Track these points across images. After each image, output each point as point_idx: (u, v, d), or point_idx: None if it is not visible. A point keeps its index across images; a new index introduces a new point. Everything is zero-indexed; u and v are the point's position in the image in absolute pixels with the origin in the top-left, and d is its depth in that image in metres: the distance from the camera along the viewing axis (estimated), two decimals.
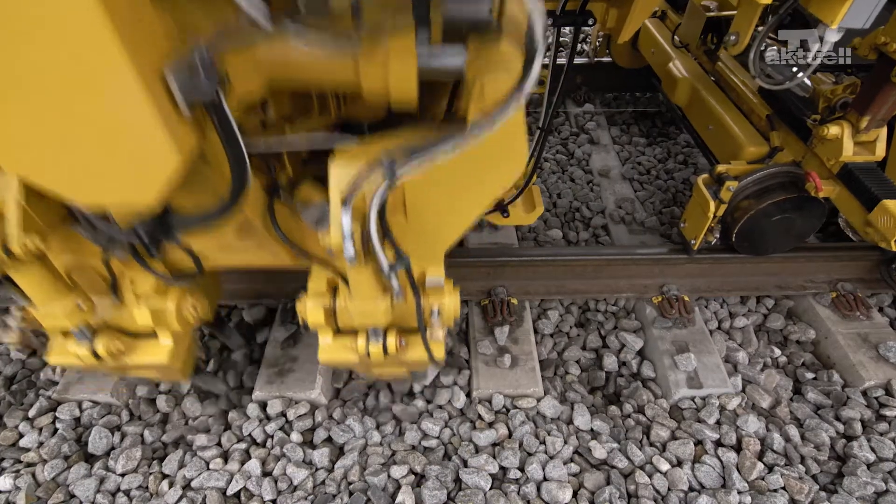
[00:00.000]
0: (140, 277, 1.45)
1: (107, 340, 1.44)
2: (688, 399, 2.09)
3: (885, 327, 2.28)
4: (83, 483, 1.82)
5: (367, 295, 1.31)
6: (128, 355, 1.51)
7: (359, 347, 1.43)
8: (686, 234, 2.31)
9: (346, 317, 1.42)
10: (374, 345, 1.42)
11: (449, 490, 1.80)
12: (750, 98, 2.47)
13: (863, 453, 1.89)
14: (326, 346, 1.49)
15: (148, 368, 1.59)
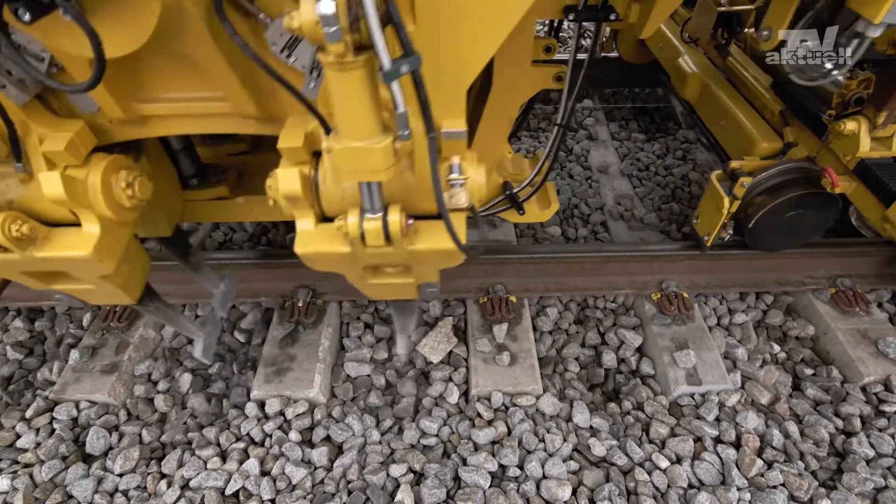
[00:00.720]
0: (52, 135, 1.13)
1: (8, 219, 1.12)
2: (687, 396, 2.08)
3: (884, 323, 2.27)
4: (81, 483, 1.81)
5: (360, 127, 0.93)
6: (38, 246, 1.19)
7: (349, 228, 1.09)
8: (699, 230, 2.31)
9: (332, 194, 1.13)
10: (371, 221, 1.08)
11: (448, 488, 1.80)
12: (762, 94, 2.45)
13: (862, 449, 1.89)
14: (306, 234, 1.17)
15: (68, 266, 1.25)
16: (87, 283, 1.37)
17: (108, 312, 2.28)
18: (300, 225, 1.18)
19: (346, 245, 1.15)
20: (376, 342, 2.29)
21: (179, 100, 1.24)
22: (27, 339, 2.35)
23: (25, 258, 1.18)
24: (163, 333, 2.34)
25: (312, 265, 1.27)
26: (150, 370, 2.20)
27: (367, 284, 1.39)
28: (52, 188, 1.12)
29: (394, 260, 1.23)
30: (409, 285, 1.41)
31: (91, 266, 1.25)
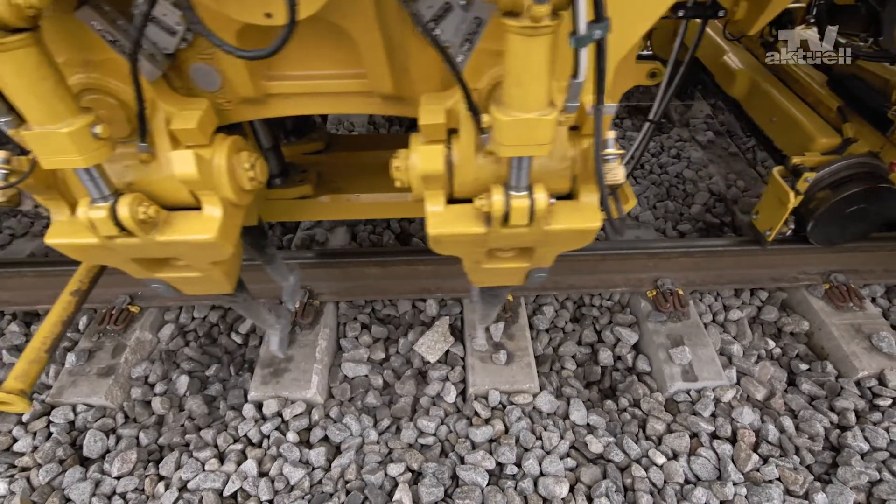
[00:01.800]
0: (180, 113, 1.07)
1: (134, 202, 1.06)
2: (683, 392, 2.09)
3: (877, 318, 2.29)
4: (78, 487, 1.81)
5: (533, 98, 0.89)
6: (160, 230, 1.13)
7: (493, 206, 1.04)
8: (759, 226, 2.34)
9: (466, 172, 1.10)
10: (518, 199, 1.03)
11: (446, 487, 1.80)
12: (817, 90, 2.46)
13: (857, 443, 1.91)
14: (438, 216, 1.13)
15: (186, 251, 1.21)
16: (195, 271, 1.32)
17: (105, 315, 2.28)
18: (431, 206, 1.15)
19: (481, 226, 1.12)
20: (373, 342, 2.29)
21: (311, 77, 1.19)
22: (23, 342, 2.35)
23: (146, 242, 1.12)
24: (159, 336, 2.34)
25: (438, 247, 1.23)
26: (146, 373, 2.19)
27: (479, 269, 1.35)
28: (186, 167, 1.07)
29: (524, 241, 1.20)
30: (520, 270, 1.38)
31: (211, 251, 1.19)
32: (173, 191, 1.14)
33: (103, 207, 1.04)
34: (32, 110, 0.90)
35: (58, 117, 0.91)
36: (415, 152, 1.11)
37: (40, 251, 2.77)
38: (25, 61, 0.84)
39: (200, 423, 2.03)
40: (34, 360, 1.42)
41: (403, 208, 1.84)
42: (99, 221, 1.05)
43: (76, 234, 1.14)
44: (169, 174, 1.11)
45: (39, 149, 0.94)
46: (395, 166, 1.14)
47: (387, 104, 1.25)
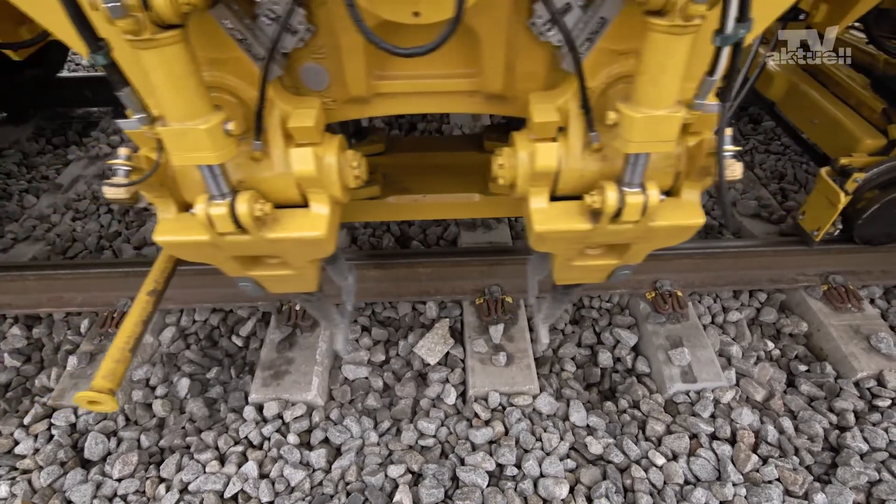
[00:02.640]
0: (296, 111, 1.09)
1: (251, 200, 1.06)
2: (682, 393, 2.10)
3: (876, 319, 2.30)
4: (80, 489, 1.81)
5: (666, 95, 0.90)
6: (270, 227, 1.14)
7: (607, 203, 1.05)
8: (806, 226, 2.38)
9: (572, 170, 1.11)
10: (633, 196, 1.04)
11: (446, 488, 1.81)
12: (860, 91, 2.48)
13: (856, 443, 1.91)
14: (543, 212, 1.15)
15: (290, 249, 1.23)
16: (290, 269, 1.33)
17: (106, 318, 2.29)
18: (535, 203, 1.16)
19: (587, 222, 1.13)
20: (373, 345, 2.30)
21: (421, 76, 1.20)
22: (25, 346, 2.36)
23: (255, 239, 1.14)
24: (160, 339, 2.35)
25: (541, 244, 1.23)
26: (147, 375, 2.20)
27: (569, 266, 1.35)
28: (305, 165, 1.09)
29: (627, 238, 1.22)
30: (608, 267, 1.38)
31: (317, 248, 1.21)
32: (283, 188, 1.15)
33: (223, 204, 1.06)
34: (174, 107, 0.91)
35: (196, 114, 0.92)
36: (523, 149, 1.12)
37: (42, 255, 2.79)
38: (175, 58, 0.85)
39: (201, 426, 2.04)
40: (119, 359, 1.44)
41: (469, 208, 1.85)
42: (218, 218, 1.06)
43: (184, 231, 1.16)
44: (280, 172, 1.12)
45: (175, 145, 0.95)
46: (498, 164, 1.16)
47: (489, 103, 1.27)
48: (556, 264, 1.39)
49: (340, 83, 1.17)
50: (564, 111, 1.10)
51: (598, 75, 1.08)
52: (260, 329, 2.37)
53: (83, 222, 3.03)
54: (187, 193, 1.17)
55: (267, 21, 1.00)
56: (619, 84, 1.08)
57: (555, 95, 1.13)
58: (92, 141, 3.71)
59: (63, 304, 2.39)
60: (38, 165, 3.55)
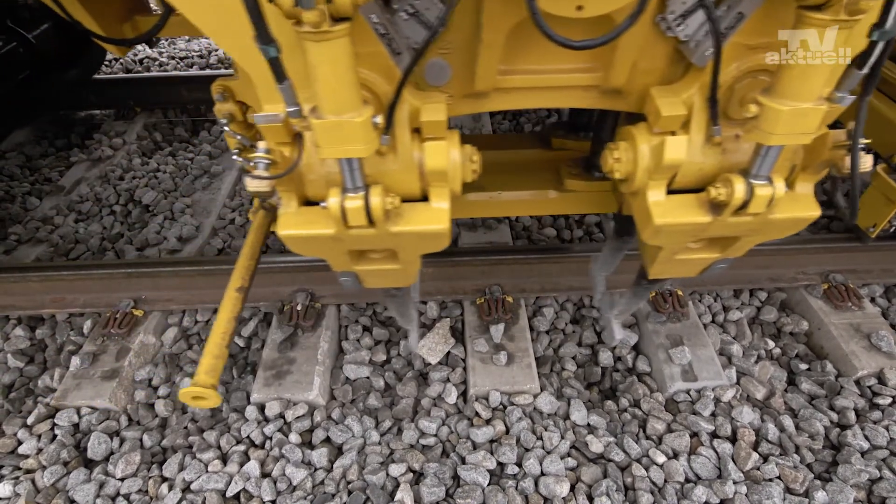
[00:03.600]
0: (427, 105, 1.11)
1: (383, 193, 1.08)
2: (683, 392, 2.10)
3: (876, 317, 2.30)
4: (83, 488, 1.82)
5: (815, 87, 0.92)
6: (393, 220, 1.16)
7: (735, 195, 1.08)
8: (861, 223, 2.40)
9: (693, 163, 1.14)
10: (762, 188, 1.07)
11: (447, 487, 1.81)
12: None
13: (857, 441, 1.91)
14: (661, 205, 1.16)
15: (409, 242, 1.24)
16: (397, 263, 1.35)
17: (109, 319, 2.30)
18: (654, 196, 1.17)
19: (707, 215, 1.15)
20: (375, 344, 2.31)
21: (543, 71, 1.20)
22: (28, 347, 2.37)
23: (379, 233, 1.15)
24: (163, 339, 2.36)
25: (657, 238, 1.25)
26: (150, 375, 2.21)
27: (672, 260, 1.37)
28: (437, 159, 1.11)
29: (743, 230, 1.22)
30: (706, 261, 1.40)
31: (438, 241, 1.22)
32: (406, 182, 1.16)
33: (358, 198, 1.07)
34: (334, 99, 0.92)
35: (352, 107, 0.94)
36: (644, 143, 1.13)
37: (45, 256, 2.80)
38: (342, 51, 0.86)
39: (203, 425, 2.05)
40: (218, 355, 1.46)
41: (545, 205, 1.86)
42: (352, 211, 1.07)
43: (307, 225, 1.17)
44: (405, 166, 1.13)
45: (328, 137, 0.96)
46: (614, 157, 1.17)
47: (604, 98, 1.26)
48: (657, 258, 1.39)
49: (463, 78, 1.18)
50: (689, 105, 1.12)
51: (728, 69, 1.10)
52: (262, 329, 2.38)
53: (86, 224, 3.05)
54: (309, 188, 1.18)
55: (404, 16, 1.01)
56: (746, 78, 1.10)
57: (679, 89, 1.13)
58: (94, 143, 3.74)
59: (66, 305, 2.41)
60: (40, 168, 3.57)
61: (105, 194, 3.25)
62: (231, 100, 1.51)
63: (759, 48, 1.07)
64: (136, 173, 3.44)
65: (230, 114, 1.52)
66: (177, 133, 3.91)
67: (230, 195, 3.26)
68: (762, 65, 1.07)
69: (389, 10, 1.02)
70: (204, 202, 3.17)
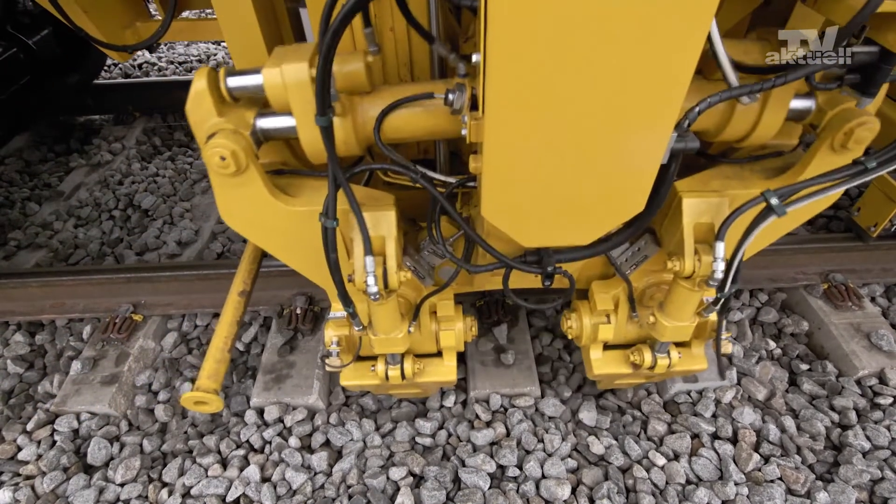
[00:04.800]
0: (443, 303, 1.64)
1: (412, 362, 1.65)
2: (683, 393, 2.10)
3: (877, 317, 2.29)
4: (82, 494, 1.82)
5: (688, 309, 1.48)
6: (419, 374, 1.69)
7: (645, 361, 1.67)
8: (861, 222, 2.42)
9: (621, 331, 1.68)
10: (664, 357, 1.66)
11: (448, 490, 1.81)
12: None
13: (858, 442, 1.91)
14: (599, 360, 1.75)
15: (432, 385, 1.87)
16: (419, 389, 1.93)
17: (108, 324, 2.30)
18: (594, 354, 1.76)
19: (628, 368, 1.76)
20: None
21: None
22: (27, 352, 2.37)
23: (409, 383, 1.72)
24: (162, 344, 2.36)
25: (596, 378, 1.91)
26: (150, 380, 2.21)
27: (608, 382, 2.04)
28: (451, 342, 1.68)
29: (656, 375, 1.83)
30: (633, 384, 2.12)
31: (447, 384, 1.86)
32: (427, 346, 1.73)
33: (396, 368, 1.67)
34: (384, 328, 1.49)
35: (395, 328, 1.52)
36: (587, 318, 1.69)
37: (44, 262, 2.80)
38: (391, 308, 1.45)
39: (203, 430, 2.04)
40: (220, 359, 1.47)
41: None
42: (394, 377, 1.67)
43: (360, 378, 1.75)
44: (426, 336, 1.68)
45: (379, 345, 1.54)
46: (568, 325, 1.75)
47: None
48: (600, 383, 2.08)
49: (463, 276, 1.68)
50: (616, 298, 1.64)
51: (640, 281, 1.61)
52: (261, 335, 2.37)
53: (85, 229, 3.05)
54: (363, 351, 1.65)
55: (427, 253, 1.56)
56: (651, 286, 1.61)
57: (610, 287, 1.65)
58: (93, 148, 3.74)
59: (65, 311, 2.40)
60: (40, 173, 3.57)
61: (104, 199, 3.25)
62: None
63: (659, 272, 1.58)
64: (136, 178, 3.44)
65: None
66: (176, 138, 3.91)
67: None
68: (661, 280, 1.60)
69: (417, 252, 1.54)
70: (203, 206, 3.17)
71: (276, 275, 2.35)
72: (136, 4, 1.97)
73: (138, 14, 1.97)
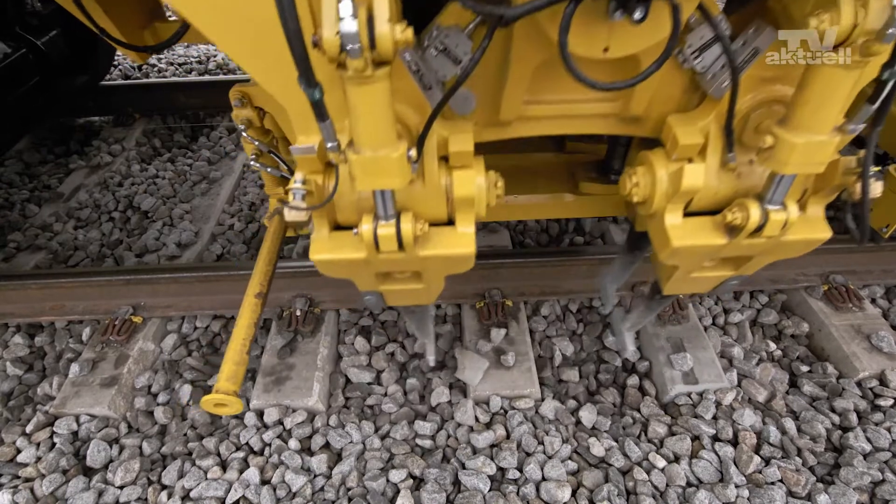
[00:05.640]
0: (455, 136, 1.14)
1: (412, 220, 1.12)
2: (684, 395, 2.09)
3: (877, 318, 2.29)
4: (82, 497, 1.81)
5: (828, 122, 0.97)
6: (421, 245, 1.20)
7: (750, 218, 1.13)
8: (873, 223, 2.36)
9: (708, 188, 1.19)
10: (777, 213, 1.13)
11: (448, 493, 1.80)
12: None
13: (859, 444, 1.90)
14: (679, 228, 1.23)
15: (439, 264, 1.27)
16: (421, 283, 1.41)
17: (108, 326, 2.30)
18: (671, 219, 1.24)
19: (722, 237, 1.21)
20: (374, 349, 2.30)
21: (566, 101, 1.26)
22: (27, 354, 2.37)
23: (407, 257, 1.20)
24: (162, 346, 2.35)
25: (674, 258, 1.31)
26: (149, 382, 2.21)
27: (684, 278, 1.43)
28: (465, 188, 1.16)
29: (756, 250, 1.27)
30: (718, 279, 1.46)
31: (463, 264, 1.26)
32: (433, 208, 1.20)
33: (390, 225, 1.11)
34: (371, 136, 0.96)
35: (388, 143, 0.97)
36: (662, 169, 1.19)
37: (44, 264, 2.80)
38: (381, 92, 0.90)
39: (203, 432, 2.04)
40: (239, 361, 1.45)
41: (561, 208, 1.87)
42: (384, 238, 1.12)
43: (338, 249, 1.22)
44: (433, 193, 1.18)
45: (364, 171, 0.99)
46: (633, 182, 1.24)
47: (622, 124, 1.30)
48: (673, 276, 1.45)
49: (487, 107, 1.23)
50: (705, 133, 1.17)
51: (743, 100, 1.15)
52: (261, 337, 2.37)
53: (85, 231, 3.04)
54: (340, 214, 1.22)
55: (434, 52, 1.07)
56: (760, 108, 1.14)
57: (696, 118, 1.18)
58: (93, 150, 3.74)
59: (65, 313, 2.40)
60: (39, 175, 3.57)
61: (104, 201, 3.25)
62: (249, 105, 1.52)
63: (774, 80, 1.12)
64: (135, 179, 3.44)
65: (248, 119, 1.53)
66: (175, 139, 3.91)
67: (229, 201, 3.25)
68: (776, 96, 1.11)
69: (421, 48, 1.07)
70: (203, 208, 3.17)
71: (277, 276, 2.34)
72: (154, 5, 1.95)
73: (156, 15, 1.95)
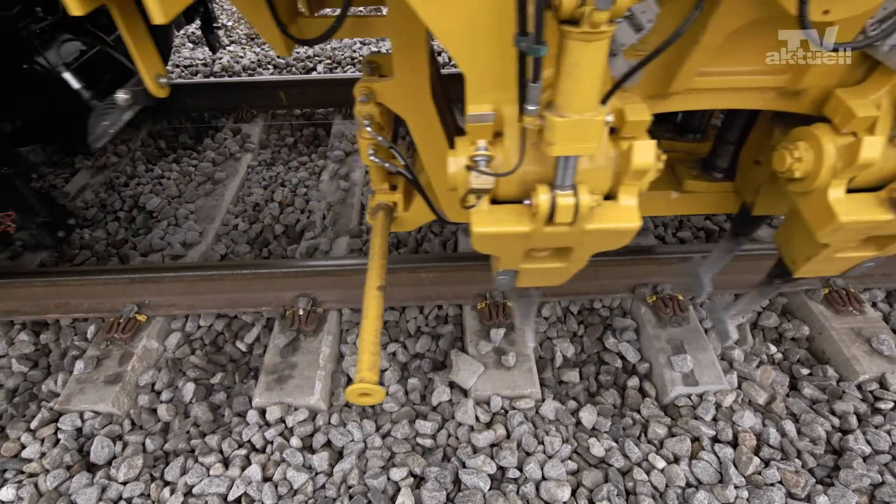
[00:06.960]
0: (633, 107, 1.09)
1: (589, 192, 1.07)
2: (684, 396, 2.10)
3: (878, 321, 2.30)
4: (85, 492, 1.83)
5: None
6: (587, 218, 1.14)
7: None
8: None
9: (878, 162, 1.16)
10: None
11: (448, 491, 1.81)
12: None
13: (858, 446, 1.91)
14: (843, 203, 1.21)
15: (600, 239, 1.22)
16: (564, 262, 1.36)
17: (112, 324, 2.32)
18: (835, 194, 1.20)
19: (888, 213, 1.19)
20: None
21: (736, 73, 1.23)
22: (32, 351, 2.39)
23: (573, 231, 1.15)
24: (166, 344, 2.37)
25: (833, 235, 1.27)
26: (153, 380, 2.23)
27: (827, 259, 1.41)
28: (645, 158, 1.08)
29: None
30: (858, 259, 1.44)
31: (625, 238, 1.21)
32: (598, 181, 1.15)
33: (569, 195, 1.07)
34: (580, 98, 0.92)
35: (593, 106, 0.94)
36: (830, 143, 1.16)
37: (49, 262, 2.83)
38: (603, 51, 0.86)
39: (205, 430, 2.06)
40: (374, 352, 1.45)
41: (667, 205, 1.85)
42: (563, 208, 1.07)
43: (500, 223, 1.17)
44: (601, 165, 1.12)
45: (563, 135, 0.95)
46: (794, 157, 1.22)
47: (780, 99, 1.28)
48: (816, 257, 1.41)
49: (653, 79, 1.20)
50: (877, 106, 1.13)
51: None
52: (264, 335, 2.39)
53: (90, 230, 3.07)
54: (502, 188, 1.17)
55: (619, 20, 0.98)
56: None
57: (867, 91, 1.15)
58: (99, 150, 3.77)
59: (70, 310, 2.42)
60: (45, 175, 3.60)
61: (110, 200, 3.28)
62: (373, 101, 1.53)
63: None
64: (141, 180, 3.47)
65: (371, 115, 1.53)
66: (181, 140, 3.94)
67: (233, 201, 3.28)
68: None
69: None
70: (207, 208, 3.20)
71: (279, 276, 2.37)
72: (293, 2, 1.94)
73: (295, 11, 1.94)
